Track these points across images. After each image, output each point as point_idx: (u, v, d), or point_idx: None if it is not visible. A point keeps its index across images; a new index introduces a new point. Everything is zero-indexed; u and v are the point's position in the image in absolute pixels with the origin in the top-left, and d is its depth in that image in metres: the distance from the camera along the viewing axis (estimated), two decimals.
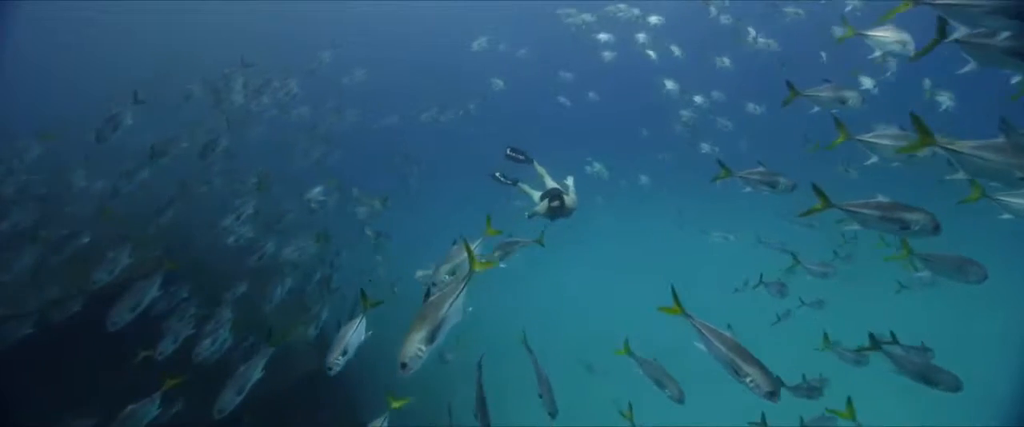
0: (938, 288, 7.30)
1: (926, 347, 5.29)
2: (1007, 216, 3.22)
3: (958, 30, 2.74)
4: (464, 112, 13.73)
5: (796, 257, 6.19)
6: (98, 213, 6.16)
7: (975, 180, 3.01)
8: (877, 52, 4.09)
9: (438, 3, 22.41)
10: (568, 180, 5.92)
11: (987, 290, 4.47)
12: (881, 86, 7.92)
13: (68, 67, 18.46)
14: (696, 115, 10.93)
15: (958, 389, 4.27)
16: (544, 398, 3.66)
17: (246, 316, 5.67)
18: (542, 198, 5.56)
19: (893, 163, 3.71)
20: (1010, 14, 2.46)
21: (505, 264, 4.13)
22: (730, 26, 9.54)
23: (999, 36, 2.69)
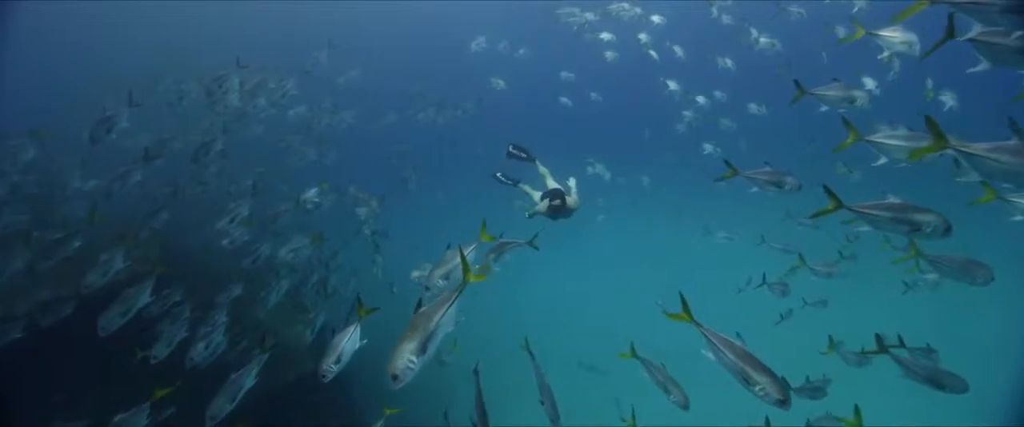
0: (939, 288, 7.31)
1: (931, 348, 5.27)
2: (1019, 217, 3.19)
3: (973, 28, 2.69)
4: (462, 112, 13.66)
5: (803, 258, 6.15)
6: (92, 215, 6.06)
7: (987, 182, 2.97)
8: (885, 52, 4.04)
9: (438, 3, 22.36)
10: (570, 181, 5.85)
11: (987, 289, 4.47)
12: (882, 86, 7.92)
13: (66, 66, 18.28)
14: (698, 115, 10.91)
15: (965, 391, 4.24)
16: (545, 405, 3.59)
17: (241, 318, 5.59)
18: (543, 198, 5.49)
19: (901, 164, 3.66)
20: None
21: (499, 267, 4.05)
22: (732, 26, 9.50)
23: (1012, 35, 2.65)
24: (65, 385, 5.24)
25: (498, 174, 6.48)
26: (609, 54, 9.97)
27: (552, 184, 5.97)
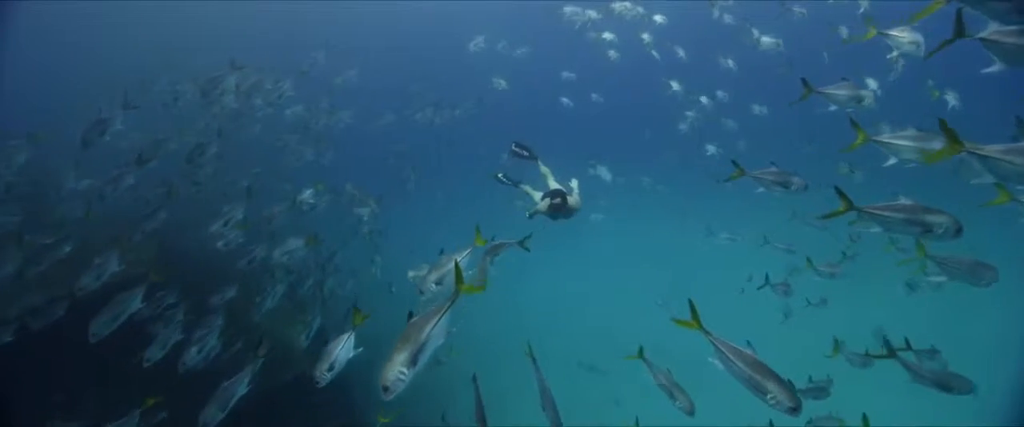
0: (941, 288, 7.30)
1: (936, 349, 5.26)
2: None
3: (988, 27, 2.65)
4: (461, 112, 13.62)
5: (810, 260, 6.18)
6: (85, 216, 5.98)
7: (1002, 184, 2.93)
8: (893, 52, 4.02)
9: (438, 3, 22.29)
10: (572, 183, 5.77)
11: (988, 289, 4.45)
12: (883, 87, 7.91)
13: (66, 66, 18.15)
14: (699, 115, 10.88)
15: (972, 392, 4.23)
16: (547, 412, 3.53)
17: (237, 321, 5.51)
18: (544, 197, 5.42)
19: (910, 164, 3.62)
20: None
21: (495, 269, 4.00)
22: (733, 26, 9.47)
23: None
24: (64, 385, 5.18)
25: (499, 175, 6.41)
26: (612, 54, 9.91)
27: (553, 184, 5.90)
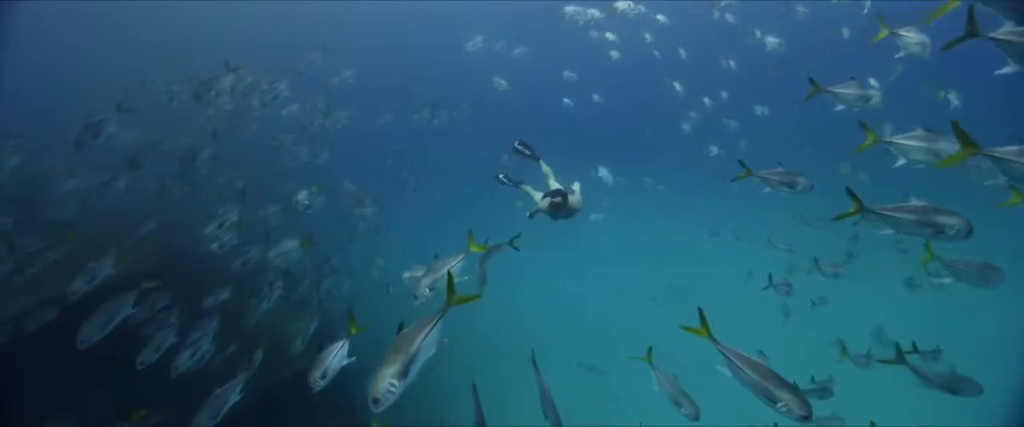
0: (943, 289, 7.30)
1: (939, 349, 5.27)
2: None
3: (1004, 27, 2.61)
4: (458, 113, 13.56)
5: (817, 260, 6.23)
6: (78, 218, 5.90)
7: (1015, 185, 2.89)
8: (901, 52, 4.02)
9: (438, 3, 22.20)
10: (574, 185, 5.68)
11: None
12: (883, 87, 7.92)
13: (67, 66, 17.99)
14: (700, 115, 10.86)
15: (980, 394, 4.22)
16: (548, 417, 3.48)
17: (231, 323, 5.43)
18: (545, 196, 5.34)
19: (919, 165, 3.59)
20: None
21: (489, 271, 3.95)
22: (734, 26, 9.45)
23: None
24: (64, 385, 5.09)
25: (500, 175, 6.34)
26: (614, 54, 9.87)
27: (555, 185, 5.83)
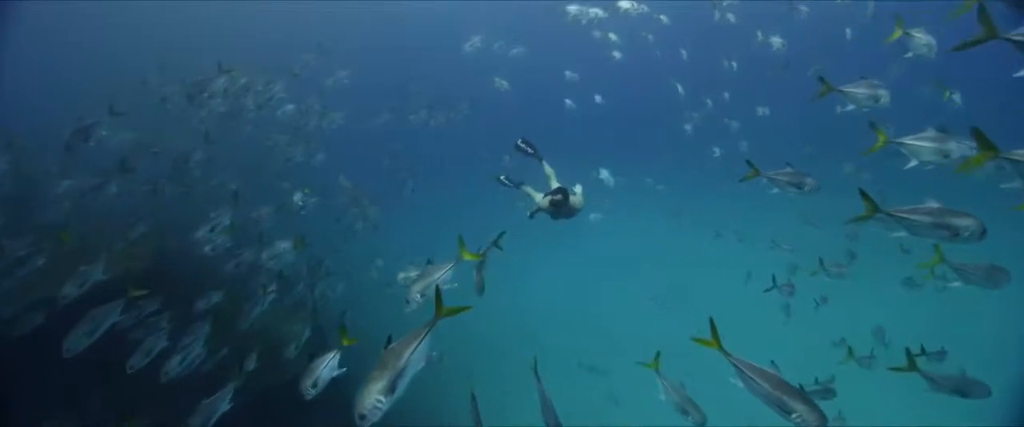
0: (945, 290, 7.32)
1: (944, 350, 5.27)
2: None
3: (1020, 27, 2.58)
4: (456, 113, 13.51)
5: (822, 260, 6.22)
6: (71, 220, 5.80)
7: None
8: (910, 52, 4.02)
9: (437, 3, 22.12)
10: (577, 188, 5.61)
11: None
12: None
13: (65, 65, 17.82)
14: (700, 116, 10.84)
15: (989, 396, 4.21)
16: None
17: (225, 327, 5.36)
18: (545, 195, 5.27)
19: (929, 166, 3.57)
20: None
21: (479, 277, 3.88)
22: (735, 27, 9.43)
23: None
24: (64, 385, 5.02)
25: (501, 177, 6.27)
26: (616, 54, 9.83)
27: (556, 185, 5.77)
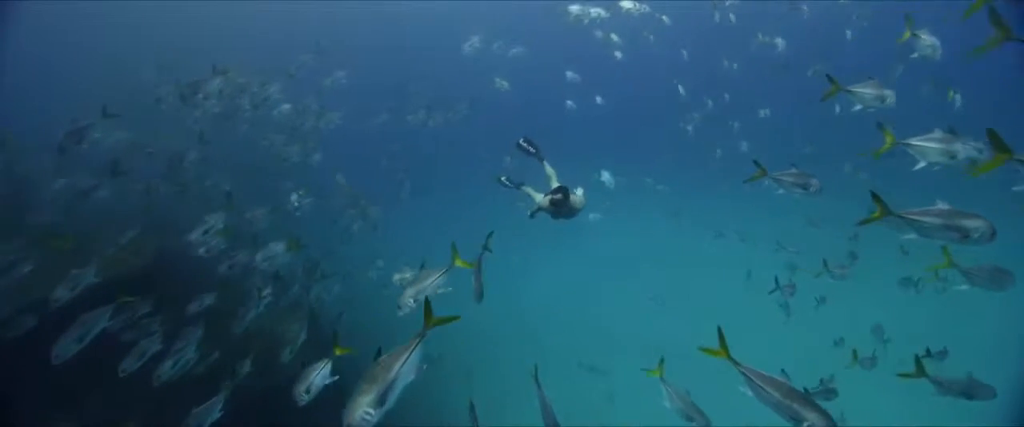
0: (936, 284, 7.35)
1: (946, 350, 5.28)
2: None
3: None
4: (454, 113, 13.46)
5: (825, 262, 6.25)
6: (65, 221, 5.71)
7: None
8: (916, 53, 4.02)
9: (438, 3, 22.05)
10: (578, 190, 5.55)
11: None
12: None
13: (66, 65, 17.67)
14: (703, 117, 10.83)
15: (994, 397, 4.22)
16: None
17: (218, 330, 5.31)
18: (546, 195, 5.21)
19: (936, 167, 3.56)
20: None
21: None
22: (736, 27, 9.41)
23: None
24: (64, 385, 4.95)
25: (502, 178, 6.20)
26: (618, 54, 9.80)
27: (557, 185, 5.72)
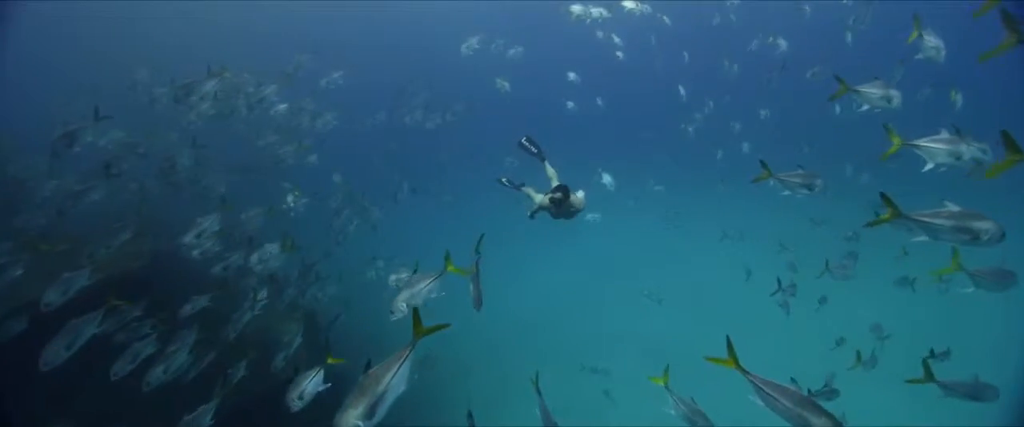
0: (935, 283, 7.37)
1: (948, 351, 5.30)
2: None
3: None
4: (452, 114, 13.42)
5: (828, 262, 6.28)
6: (57, 223, 5.64)
7: None
8: (920, 53, 4.04)
9: (437, 3, 22.00)
10: (579, 193, 5.52)
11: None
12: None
13: (68, 64, 17.50)
14: (703, 118, 10.84)
15: (997, 398, 4.23)
16: None
17: (213, 332, 5.27)
18: (547, 194, 5.14)
19: (942, 168, 3.55)
20: None
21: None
22: (737, 30, 9.42)
23: None
24: (58, 384, 4.90)
25: (502, 179, 6.17)
26: (619, 54, 9.80)
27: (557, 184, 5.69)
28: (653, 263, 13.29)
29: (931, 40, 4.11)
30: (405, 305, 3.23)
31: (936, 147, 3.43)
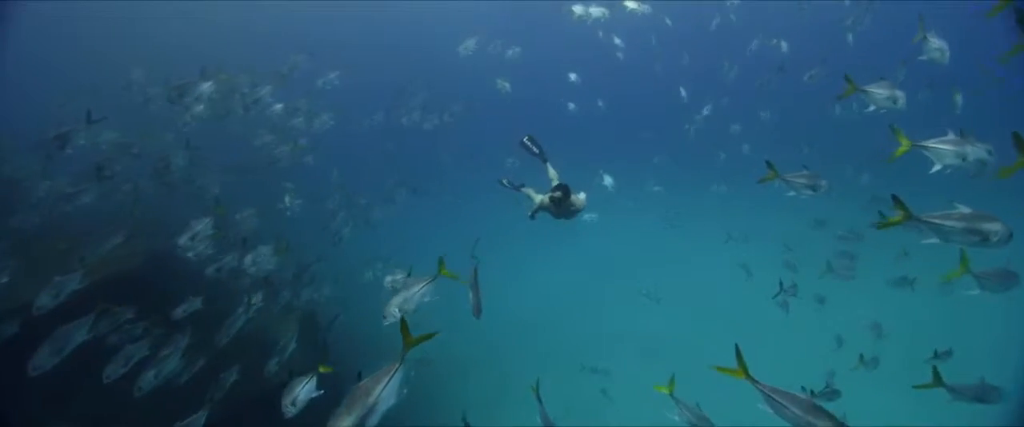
0: (934, 284, 7.36)
1: (950, 351, 5.29)
2: None
3: None
4: (450, 115, 13.38)
5: (829, 263, 6.30)
6: (51, 224, 5.58)
7: None
8: (924, 55, 4.03)
9: (437, 4, 21.96)
10: (580, 195, 5.47)
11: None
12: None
13: (68, 64, 17.37)
14: (703, 119, 10.83)
15: (1001, 399, 4.21)
16: None
17: (207, 334, 5.19)
18: (548, 193, 5.09)
19: (948, 170, 3.53)
20: None
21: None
22: (738, 31, 9.41)
23: None
24: (56, 386, 4.84)
25: (503, 180, 6.12)
26: (619, 55, 9.79)
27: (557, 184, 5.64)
28: (653, 263, 13.30)
29: (935, 42, 4.11)
30: (397, 311, 3.19)
31: (944, 148, 3.42)
